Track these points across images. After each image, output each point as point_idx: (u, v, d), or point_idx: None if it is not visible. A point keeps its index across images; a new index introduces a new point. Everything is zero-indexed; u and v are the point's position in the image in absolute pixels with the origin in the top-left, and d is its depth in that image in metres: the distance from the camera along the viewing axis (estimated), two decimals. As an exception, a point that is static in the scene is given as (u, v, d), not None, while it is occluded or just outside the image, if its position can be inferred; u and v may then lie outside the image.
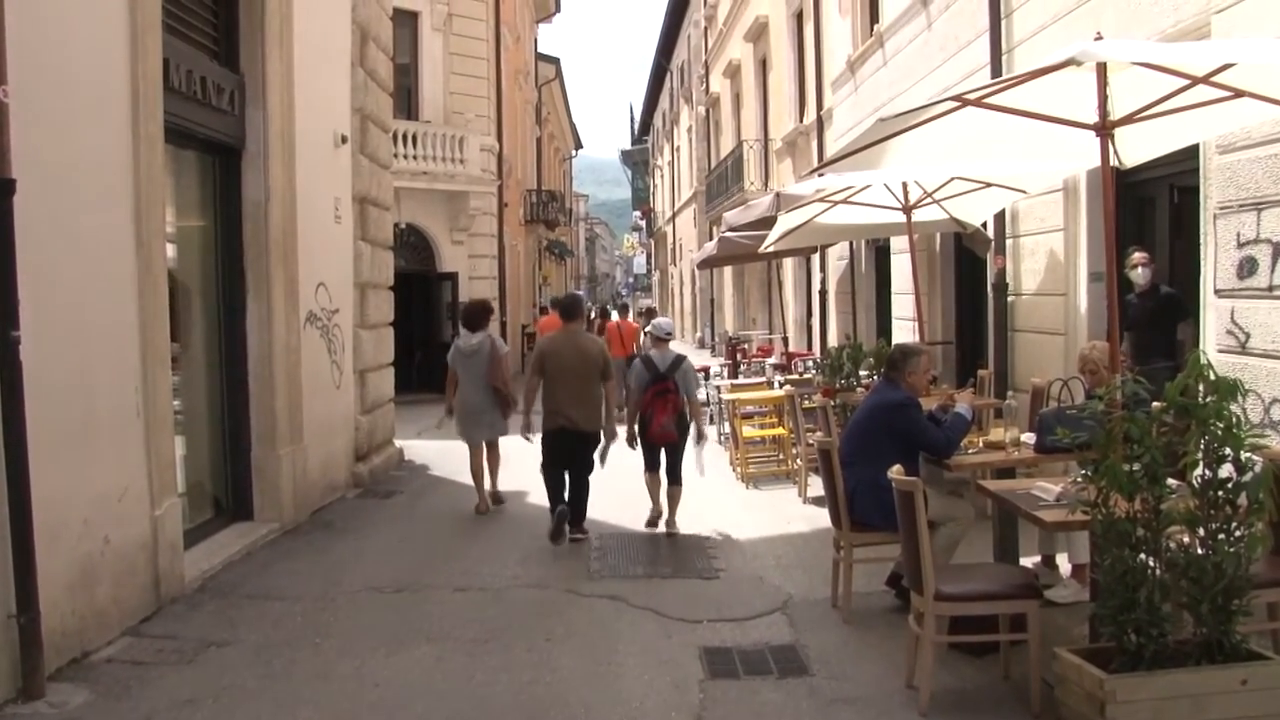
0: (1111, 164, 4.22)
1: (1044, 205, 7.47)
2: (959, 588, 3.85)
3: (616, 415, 6.65)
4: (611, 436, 6.54)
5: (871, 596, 5.14)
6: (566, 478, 6.55)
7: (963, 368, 9.72)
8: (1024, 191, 7.02)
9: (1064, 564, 5.25)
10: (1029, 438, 5.02)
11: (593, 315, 11.27)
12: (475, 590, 5.65)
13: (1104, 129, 3.94)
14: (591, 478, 6.59)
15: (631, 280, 79.85)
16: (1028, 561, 5.10)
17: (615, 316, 19.83)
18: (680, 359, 6.69)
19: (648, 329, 8.69)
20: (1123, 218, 6.34)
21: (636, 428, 6.57)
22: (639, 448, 6.61)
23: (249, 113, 6.90)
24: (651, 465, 6.79)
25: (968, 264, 9.70)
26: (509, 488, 8.42)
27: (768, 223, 9.54)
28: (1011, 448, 4.94)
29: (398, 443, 10.60)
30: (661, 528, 6.75)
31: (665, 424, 6.52)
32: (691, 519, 7.22)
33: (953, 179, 6.84)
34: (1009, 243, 8.07)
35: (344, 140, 8.72)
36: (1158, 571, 3.27)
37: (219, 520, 6.77)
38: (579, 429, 6.43)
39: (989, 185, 6.90)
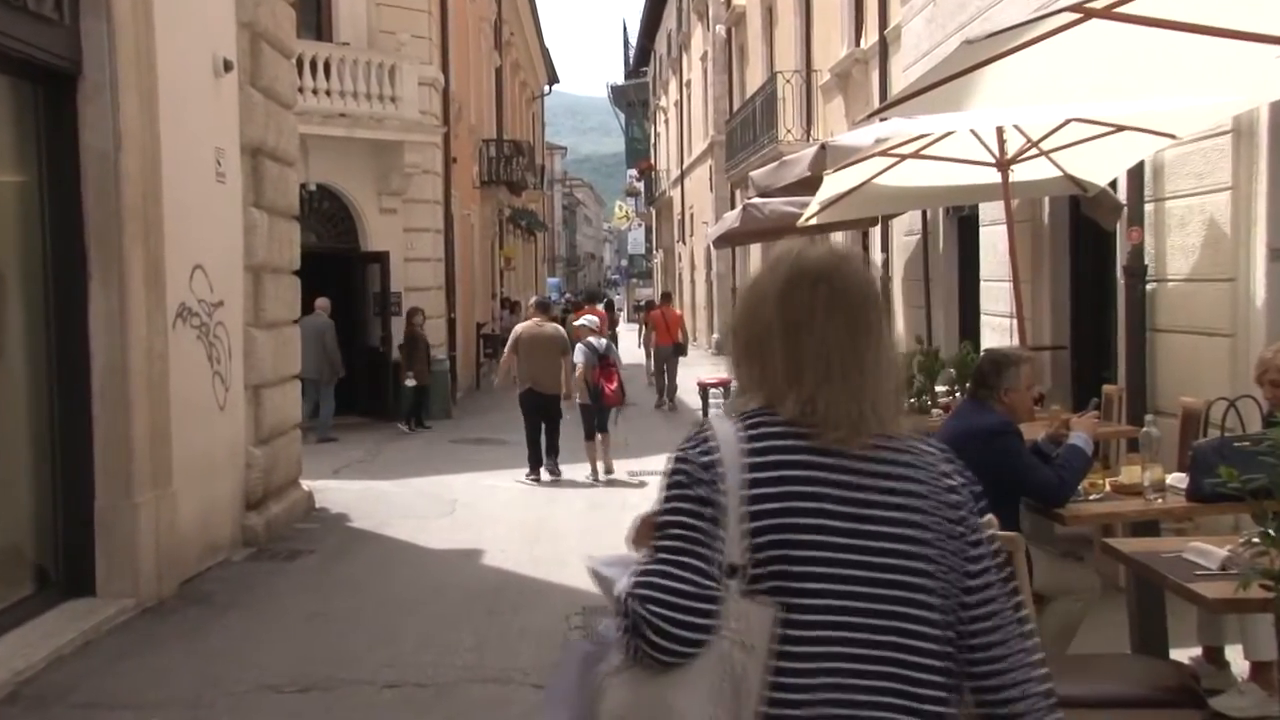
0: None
1: (1202, 155, 7.38)
2: (1081, 689, 3.76)
3: (577, 382, 11.83)
4: (569, 396, 11.84)
5: (958, 699, 5.05)
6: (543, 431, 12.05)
7: (1082, 382, 9.65)
8: (1173, 136, 6.95)
9: (1237, 660, 5.16)
10: (1179, 479, 4.98)
11: (562, 309, 13.60)
12: (412, 687, 5.61)
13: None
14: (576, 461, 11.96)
15: (625, 264, 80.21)
16: (1183, 655, 5.03)
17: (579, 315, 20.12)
18: (607, 343, 12.40)
19: (579, 324, 12.70)
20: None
21: (589, 397, 11.82)
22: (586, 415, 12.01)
23: (87, 24, 6.85)
24: (590, 434, 11.96)
25: (1089, 239, 9.63)
26: (462, 545, 8.47)
27: (810, 185, 9.50)
28: (1153, 493, 4.90)
29: (306, 484, 10.63)
30: (603, 477, 11.92)
31: (615, 390, 11.88)
32: None
33: (1069, 122, 6.81)
34: (1149, 209, 7.99)
35: (228, 67, 8.70)
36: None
37: (42, 598, 6.71)
38: (543, 391, 11.79)
39: (1120, 129, 6.83)
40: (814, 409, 1.85)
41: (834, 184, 8.47)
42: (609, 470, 12.00)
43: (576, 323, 12.87)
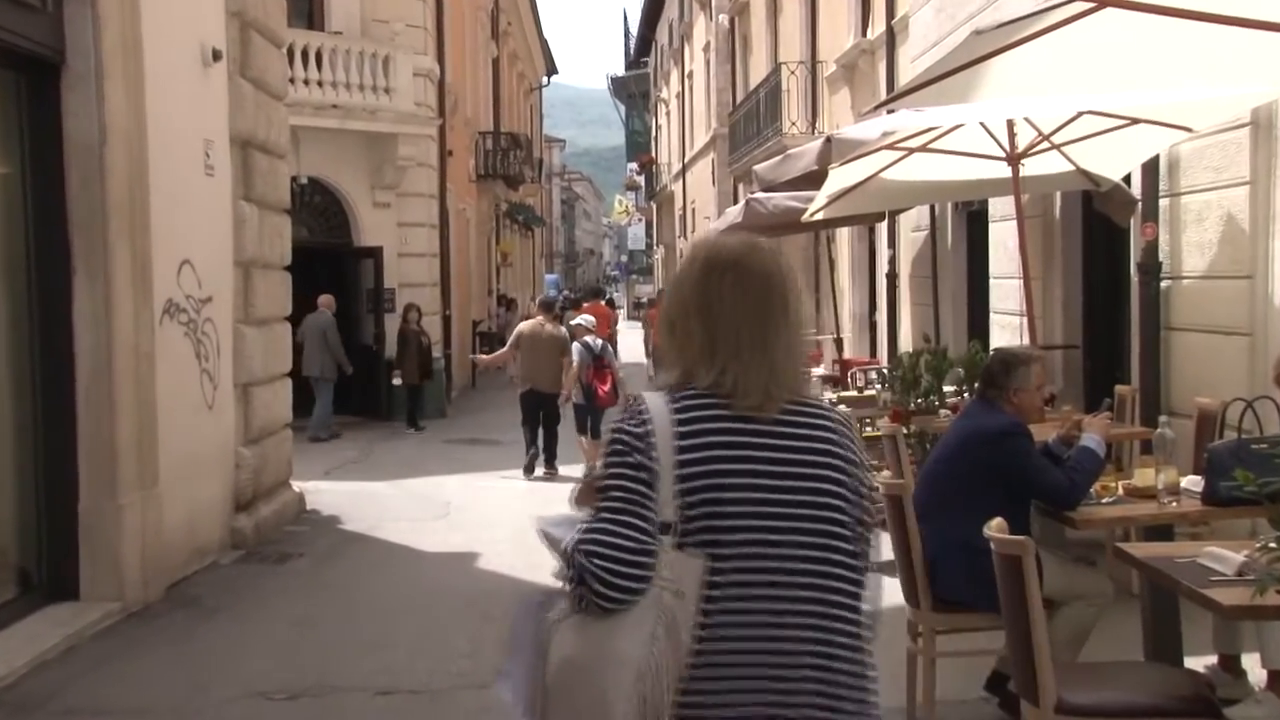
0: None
1: (1219, 149, 7.37)
2: (1092, 697, 3.76)
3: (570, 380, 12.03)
4: (567, 397, 11.96)
5: (965, 706, 5.09)
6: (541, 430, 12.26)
7: (1094, 382, 9.66)
8: (1189, 129, 6.92)
9: (1254, 668, 5.13)
10: (1194, 482, 4.97)
11: (559, 305, 13.76)
12: (405, 694, 5.60)
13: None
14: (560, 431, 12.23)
15: (624, 260, 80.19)
16: (1197, 663, 4.99)
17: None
18: (604, 343, 12.39)
19: (575, 322, 12.80)
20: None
21: (582, 396, 11.88)
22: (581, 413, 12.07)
23: (70, 10, 6.83)
24: (581, 430, 12.04)
25: (1101, 235, 9.62)
26: (457, 548, 8.44)
27: (815, 179, 9.49)
28: (1167, 496, 4.87)
29: (297, 485, 10.63)
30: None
31: (608, 391, 11.78)
32: None
33: (1081, 114, 6.78)
34: (1164, 204, 7.99)
35: (216, 56, 8.70)
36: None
37: (25, 602, 6.69)
38: (543, 390, 12.01)
39: (1135, 122, 6.82)
40: (727, 381, 2.17)
41: (839, 178, 8.45)
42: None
43: (573, 321, 13.03)
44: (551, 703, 2.15)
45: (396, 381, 16.58)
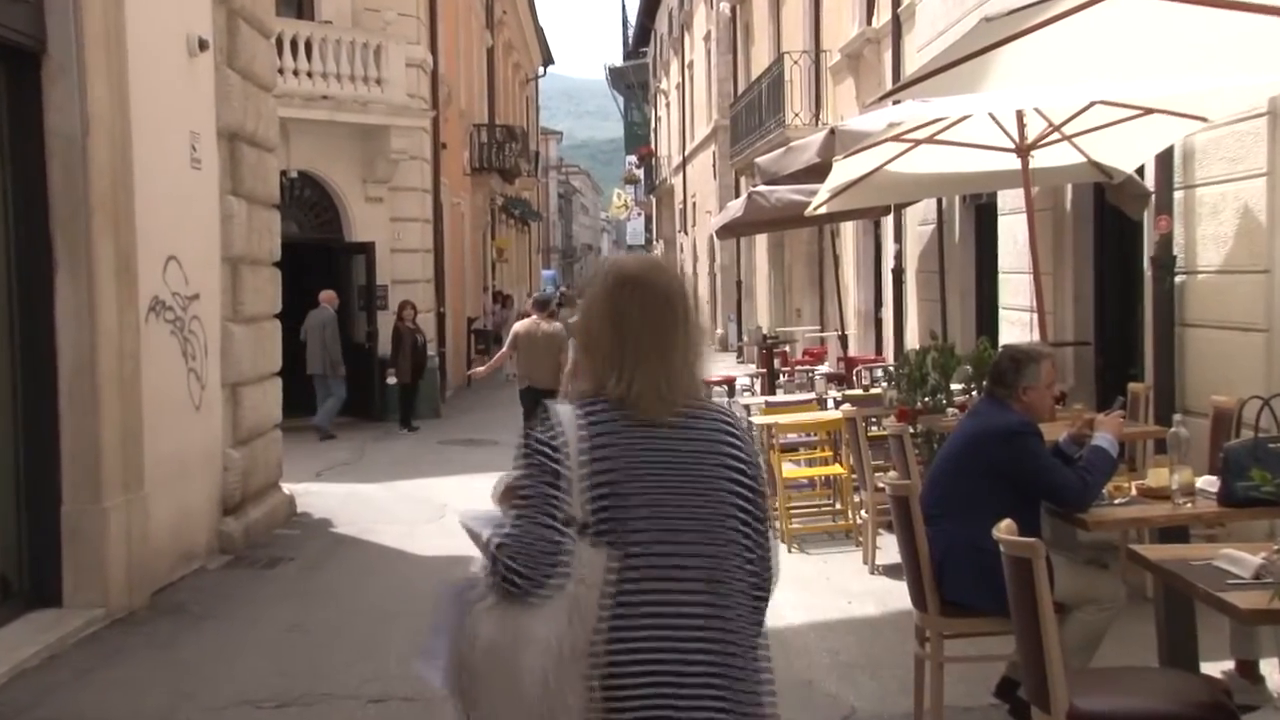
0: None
1: (1236, 139, 7.37)
2: (1105, 704, 3.75)
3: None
4: (565, 393, 12.79)
5: (974, 713, 5.09)
6: None
7: (1106, 380, 9.67)
8: (1204, 119, 6.96)
9: (1272, 674, 5.15)
10: (1209, 483, 4.96)
11: (555, 303, 14.11)
12: (398, 701, 5.58)
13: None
14: None
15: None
16: (1214, 669, 4.99)
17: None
18: None
19: (573, 319, 12.70)
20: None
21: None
22: None
23: (51, -2, 6.83)
24: None
25: (1114, 229, 9.64)
26: (452, 552, 8.40)
27: (818, 172, 9.48)
28: (1182, 497, 4.87)
29: (287, 488, 10.63)
30: None
31: None
32: None
33: (1093, 105, 6.82)
34: (1178, 196, 7.99)
35: (203, 46, 8.68)
36: None
37: (5, 609, 6.68)
38: (540, 387, 11.42)
39: (1149, 112, 6.85)
40: (631, 388, 2.43)
41: (844, 171, 8.46)
42: None
43: (572, 320, 13.16)
44: (474, 681, 2.47)
45: (391, 380, 16.60)
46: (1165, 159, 7.96)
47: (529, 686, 2.37)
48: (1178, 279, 7.97)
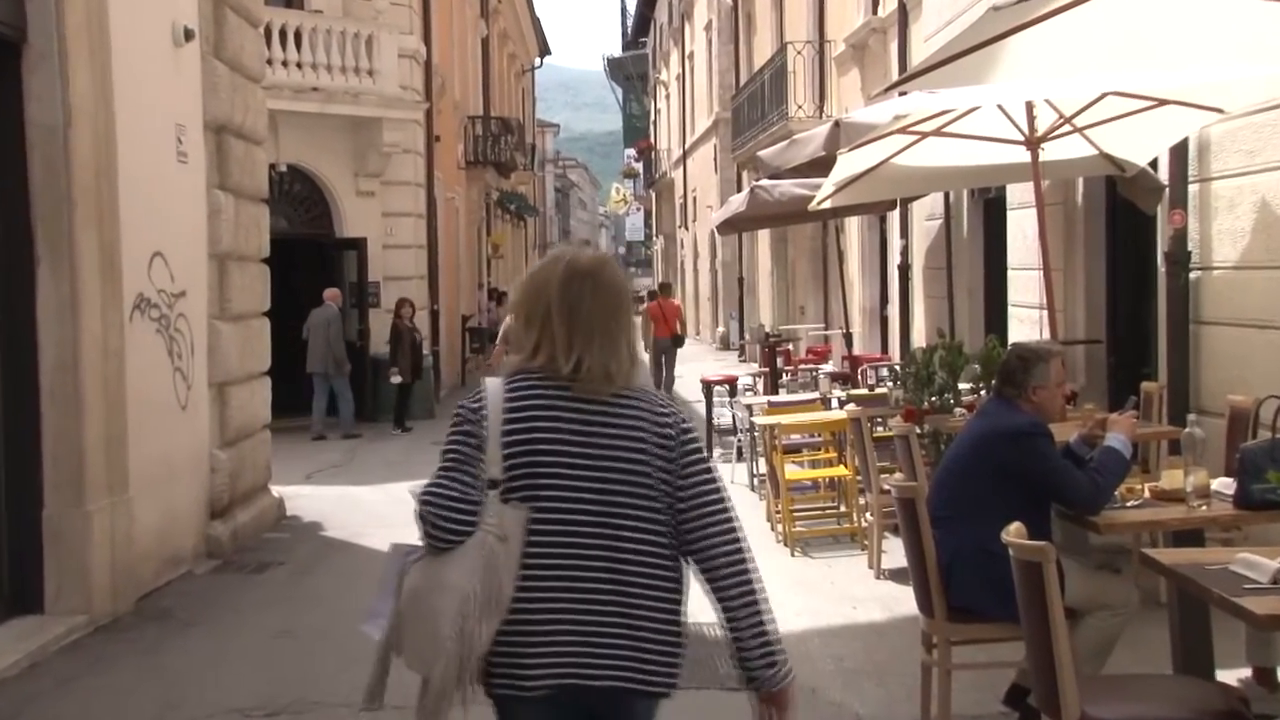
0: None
1: (1253, 130, 7.37)
2: (1117, 712, 3.75)
3: None
4: None
5: (982, 722, 5.10)
6: None
7: (1119, 379, 9.67)
8: (1220, 110, 6.96)
9: (1289, 681, 5.16)
10: (1225, 485, 4.96)
11: None
12: (390, 709, 5.38)
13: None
14: None
15: (622, 252, 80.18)
16: (1230, 676, 4.99)
17: None
18: None
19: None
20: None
21: None
22: None
23: (31, -15, 6.82)
24: None
25: (1126, 224, 9.64)
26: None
27: (822, 165, 9.50)
28: (1197, 500, 4.87)
29: (276, 490, 10.62)
30: None
31: None
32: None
33: (1105, 95, 6.81)
34: (1193, 190, 7.99)
35: (189, 36, 8.67)
36: None
37: (-14, 615, 6.70)
38: None
39: (1162, 103, 6.85)
40: (581, 368, 2.78)
41: (849, 164, 8.45)
42: None
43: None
44: (400, 626, 2.80)
45: (396, 380, 16.56)
46: (1180, 151, 7.95)
47: (443, 627, 2.70)
48: (1192, 275, 7.97)
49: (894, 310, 15.64)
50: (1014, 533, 3.91)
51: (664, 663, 2.81)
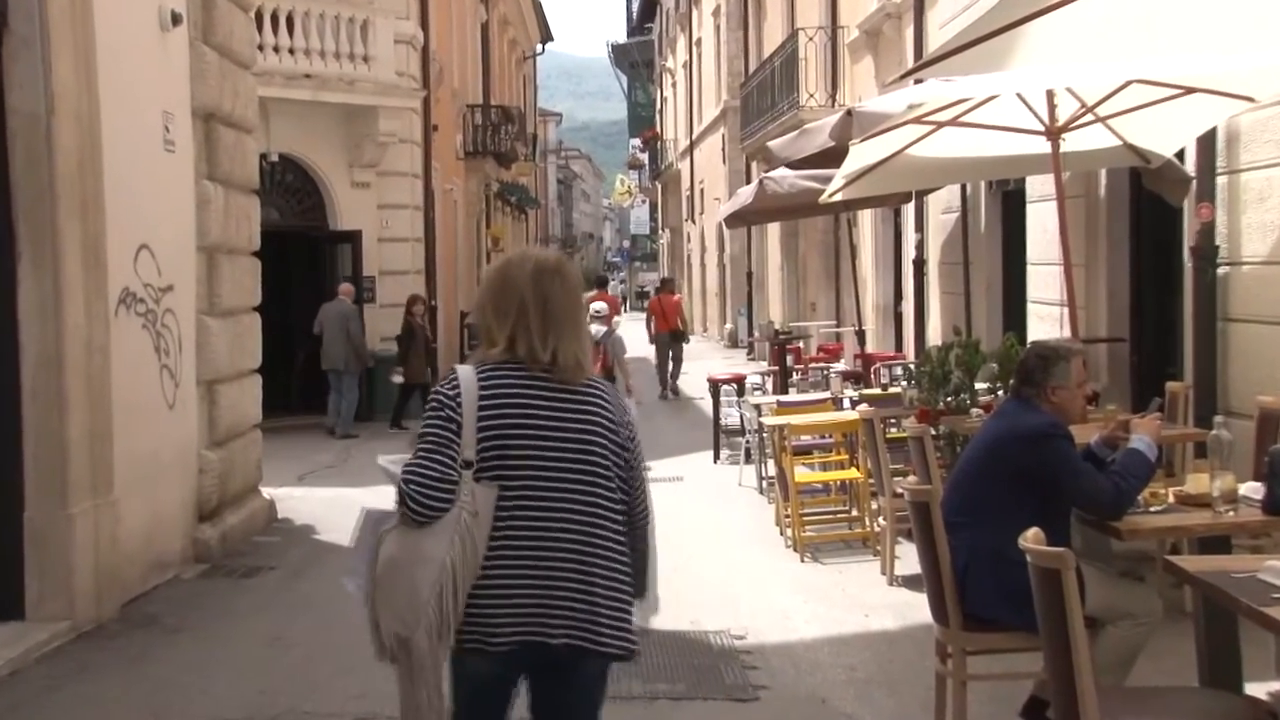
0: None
1: (1284, 119, 7.35)
2: (1142, 727, 3.75)
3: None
4: None
5: (999, 736, 5.11)
6: None
7: (1143, 379, 9.68)
8: (1250, 99, 6.95)
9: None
10: (1253, 489, 4.95)
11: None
12: (385, 719, 5.54)
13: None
14: None
15: (627, 246, 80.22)
16: (1259, 689, 4.90)
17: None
18: (610, 331, 13.05)
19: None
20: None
21: None
22: None
23: (11, -33, 6.82)
24: None
25: (1151, 217, 9.64)
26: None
27: (833, 156, 9.48)
28: (1224, 505, 4.86)
29: (267, 492, 10.63)
30: None
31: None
32: (717, 604, 7.30)
33: (1130, 83, 6.78)
34: (1221, 182, 7.99)
35: (176, 20, 8.65)
36: None
37: (-37, 622, 6.70)
38: None
39: (1190, 91, 6.83)
40: (556, 356, 3.27)
41: (861, 155, 8.44)
42: None
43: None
44: (378, 591, 3.25)
45: (398, 379, 16.55)
46: (1207, 142, 7.95)
47: (420, 595, 3.16)
48: (1220, 270, 7.97)
49: (909, 307, 15.63)
50: (1031, 538, 3.90)
51: (617, 627, 3.27)
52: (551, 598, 3.20)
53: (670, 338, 21.47)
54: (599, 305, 13.81)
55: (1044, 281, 10.68)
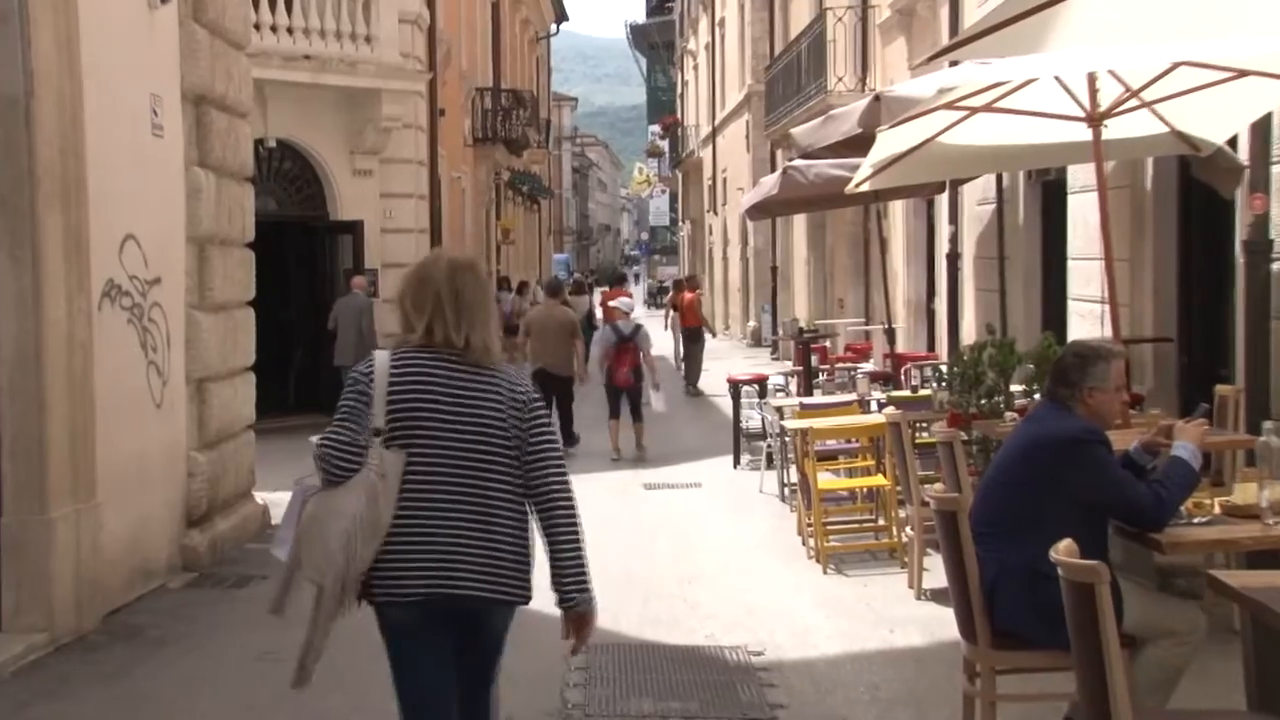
0: None
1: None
2: (1183, 755, 3.71)
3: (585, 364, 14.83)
4: (582, 379, 14.64)
5: (1032, 762, 5.12)
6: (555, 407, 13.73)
7: (1192, 381, 9.66)
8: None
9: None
10: (1305, 500, 4.92)
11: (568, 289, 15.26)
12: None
13: None
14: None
15: (645, 238, 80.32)
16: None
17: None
18: (639, 327, 14.51)
19: (614, 304, 15.53)
20: None
21: (604, 377, 14.32)
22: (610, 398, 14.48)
23: (-12, -62, 6.83)
24: (614, 412, 14.36)
25: (1200, 209, 9.64)
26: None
27: (861, 144, 9.47)
28: (1273, 516, 4.85)
29: (261, 497, 10.62)
30: (632, 454, 14.21)
31: (625, 373, 14.01)
32: (734, 618, 7.33)
33: (1177, 66, 6.74)
34: (1276, 171, 7.98)
35: (165, -1, 8.69)
36: None
37: (-65, 633, 6.73)
38: (553, 372, 14.04)
39: (1242, 74, 6.78)
40: (470, 342, 3.90)
41: (889, 142, 8.42)
42: (639, 445, 14.30)
43: (611, 304, 15.39)
44: (300, 547, 3.85)
45: None
46: (1262, 128, 7.93)
47: (333, 542, 3.77)
48: (1274, 266, 7.95)
49: (941, 304, 15.62)
50: (1064, 551, 3.90)
51: (517, 578, 3.86)
52: (455, 552, 3.78)
53: (686, 334, 22.27)
54: (623, 301, 15.27)
55: (1085, 277, 10.67)
